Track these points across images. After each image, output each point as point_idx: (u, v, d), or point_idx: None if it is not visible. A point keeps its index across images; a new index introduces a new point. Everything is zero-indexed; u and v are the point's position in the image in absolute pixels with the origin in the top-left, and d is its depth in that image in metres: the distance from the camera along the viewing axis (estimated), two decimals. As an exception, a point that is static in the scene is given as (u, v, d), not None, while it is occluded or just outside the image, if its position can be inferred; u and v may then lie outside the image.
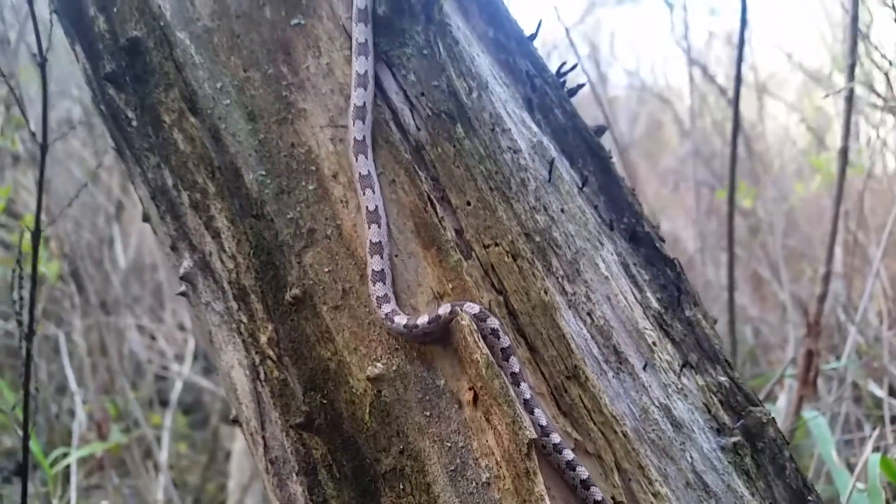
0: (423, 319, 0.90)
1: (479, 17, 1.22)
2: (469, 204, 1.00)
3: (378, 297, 0.93)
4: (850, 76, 2.11)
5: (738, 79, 2.58)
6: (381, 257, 0.93)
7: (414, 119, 1.02)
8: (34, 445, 3.12)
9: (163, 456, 3.98)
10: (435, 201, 0.99)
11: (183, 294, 1.14)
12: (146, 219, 1.27)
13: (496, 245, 0.98)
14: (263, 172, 1.02)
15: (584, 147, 1.20)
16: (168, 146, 1.10)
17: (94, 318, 4.26)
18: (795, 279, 4.60)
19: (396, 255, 0.98)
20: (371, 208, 0.96)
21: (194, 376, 4.58)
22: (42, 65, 1.70)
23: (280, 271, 1.00)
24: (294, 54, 1.04)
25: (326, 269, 0.98)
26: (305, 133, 1.02)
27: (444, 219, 0.99)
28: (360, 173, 0.99)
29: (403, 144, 1.01)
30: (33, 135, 1.69)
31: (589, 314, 0.99)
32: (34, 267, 1.76)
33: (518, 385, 0.89)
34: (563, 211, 1.05)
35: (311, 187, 1.00)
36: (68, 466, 3.04)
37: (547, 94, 1.21)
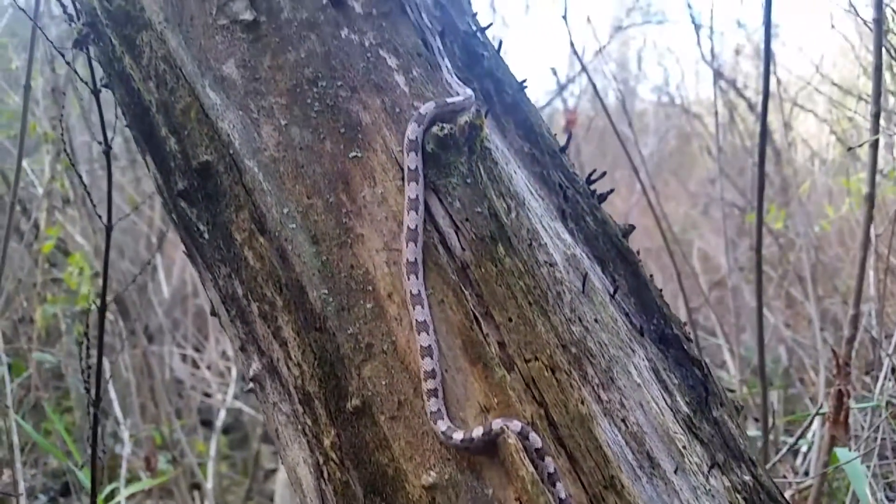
0: (476, 433, 1.01)
1: (516, 134, 1.32)
2: (511, 320, 1.10)
3: (432, 412, 1.03)
4: (875, 128, 2.15)
5: (765, 104, 2.27)
6: (434, 378, 1.04)
7: (459, 241, 1.13)
8: (85, 475, 3.30)
9: (209, 485, 4.13)
10: (480, 319, 1.10)
11: (251, 391, 1.26)
12: (214, 314, 1.40)
13: (536, 359, 1.08)
14: (326, 291, 1.13)
15: (614, 252, 1.29)
16: (239, 261, 1.22)
17: (139, 346, 4.45)
18: (828, 294, 4.59)
19: (446, 370, 1.08)
20: (420, 319, 1.07)
21: (236, 402, 4.73)
22: (107, 152, 1.86)
23: (342, 381, 1.12)
24: (352, 184, 1.16)
25: (384, 382, 1.10)
26: (363, 256, 1.13)
27: (489, 335, 1.09)
28: (410, 292, 1.10)
29: (450, 266, 1.12)
30: (99, 216, 1.84)
31: (623, 421, 1.09)
32: (100, 338, 1.90)
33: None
34: (596, 321, 1.15)
35: (368, 305, 1.12)
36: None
37: (578, 202, 1.31)
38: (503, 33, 7.94)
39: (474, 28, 1.36)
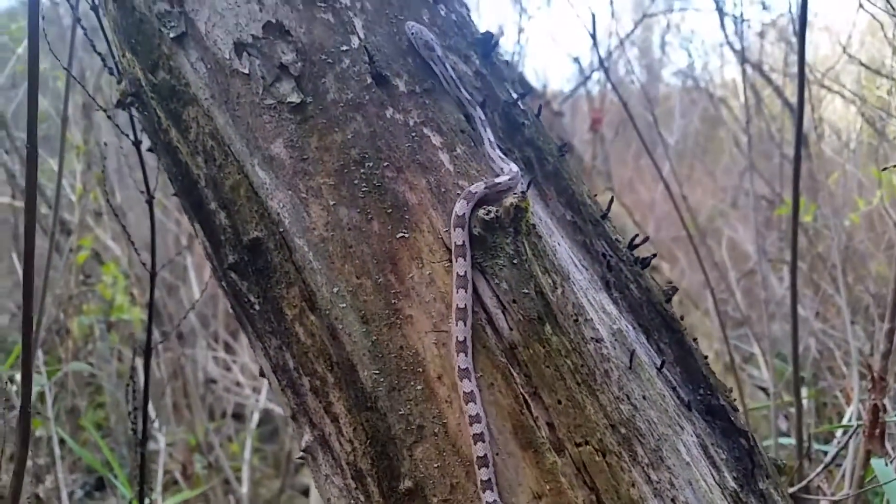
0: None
1: (557, 201, 1.33)
2: (560, 402, 1.12)
3: (488, 503, 1.06)
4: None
5: (800, 110, 2.01)
6: (488, 467, 1.07)
7: (507, 322, 1.15)
8: (121, 477, 3.39)
9: (244, 489, 4.23)
10: (529, 402, 1.12)
11: (303, 461, 1.30)
12: (262, 375, 1.44)
13: (586, 443, 1.10)
14: (376, 371, 1.16)
15: (658, 320, 1.30)
16: (290, 336, 1.25)
17: (172, 349, 4.54)
18: (858, 281, 4.54)
19: (497, 454, 1.11)
20: (473, 413, 1.10)
21: (269, 403, 4.80)
22: (150, 202, 1.89)
23: (394, 461, 1.15)
24: (400, 265, 1.18)
25: (435, 465, 1.12)
26: (412, 337, 1.16)
27: (539, 418, 1.11)
28: (459, 367, 1.13)
29: (498, 347, 1.14)
30: (143, 264, 1.89)
31: (673, 501, 1.11)
32: (146, 384, 1.96)
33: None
34: (644, 398, 1.17)
35: (419, 387, 1.14)
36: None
37: (622, 271, 1.32)
38: (526, 24, 7.86)
39: (514, 96, 1.37)
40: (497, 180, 1.18)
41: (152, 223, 1.88)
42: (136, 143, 1.79)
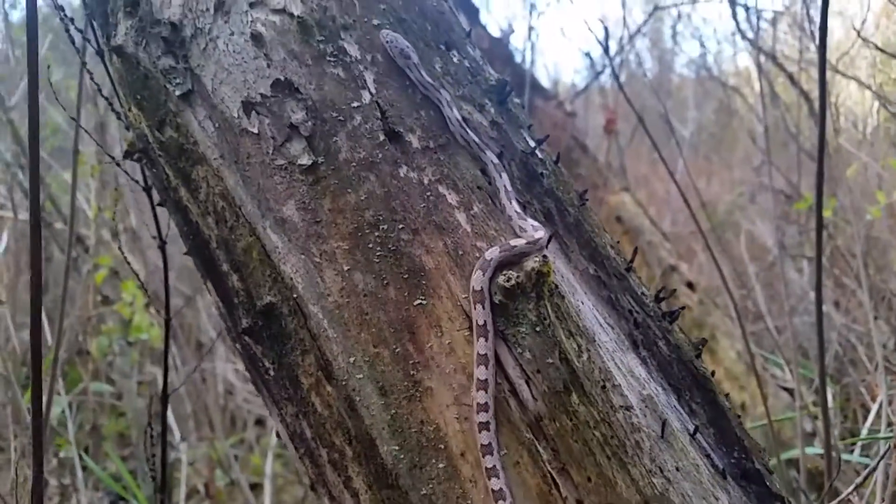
0: None
1: (580, 255, 1.28)
2: (590, 480, 1.07)
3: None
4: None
5: (823, 110, 1.77)
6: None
7: (531, 392, 1.10)
8: (139, 496, 3.39)
9: (267, 502, 4.22)
10: (558, 480, 1.07)
11: (323, 530, 1.26)
12: (279, 436, 1.40)
13: (618, 523, 1.05)
14: (396, 447, 1.12)
15: (689, 379, 1.24)
16: (306, 405, 1.21)
17: (190, 361, 4.53)
18: (879, 270, 4.45)
19: (525, 535, 1.06)
20: (496, 489, 1.05)
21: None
22: (162, 247, 1.86)
23: (417, 540, 1.10)
24: (418, 333, 1.13)
25: (460, 546, 1.08)
26: (433, 411, 1.11)
27: (568, 498, 1.06)
28: (481, 444, 1.08)
29: (523, 421, 1.09)
30: (158, 311, 1.86)
31: (708, 580, 1.06)
32: (163, 429, 1.93)
33: None
34: (678, 469, 1.11)
35: (441, 465, 1.10)
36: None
37: (650, 327, 1.26)
38: (536, 22, 7.77)
39: (532, 145, 1.31)
40: (513, 243, 1.13)
41: (165, 268, 1.85)
42: (147, 189, 1.76)
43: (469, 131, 1.22)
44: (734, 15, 4.93)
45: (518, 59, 5.35)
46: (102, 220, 4.74)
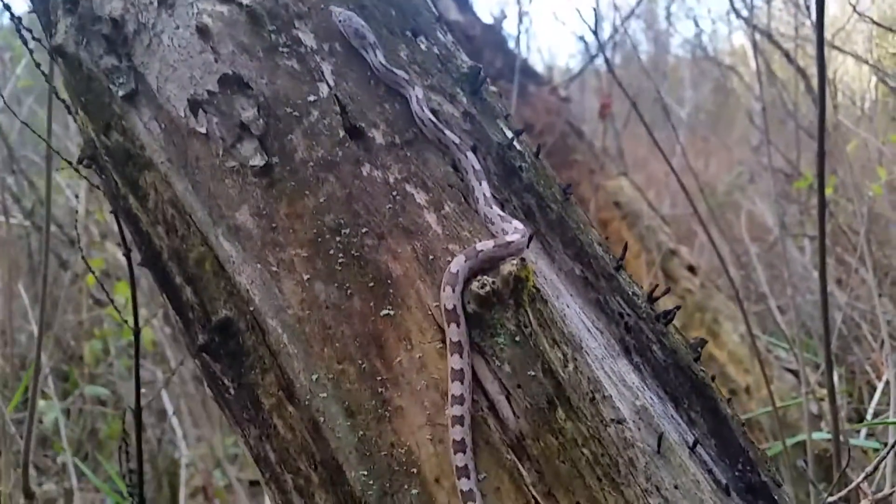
0: None
1: (564, 254, 1.18)
2: (578, 504, 0.97)
3: None
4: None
5: (822, 89, 1.79)
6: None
7: (512, 409, 1.00)
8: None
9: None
10: (543, 506, 0.97)
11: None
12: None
13: (611, 553, 0.95)
14: (365, 472, 1.02)
15: (687, 385, 1.14)
16: (269, 427, 1.11)
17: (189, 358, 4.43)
18: (880, 247, 4.37)
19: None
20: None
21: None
22: (127, 255, 1.76)
23: (392, 575, 1.01)
24: (386, 347, 1.03)
25: (438, 581, 0.98)
26: (404, 432, 1.01)
27: (555, 527, 0.96)
28: (456, 466, 0.98)
29: (503, 442, 0.99)
30: (125, 321, 1.76)
31: None
32: (138, 445, 1.84)
33: None
34: (676, 487, 1.01)
35: (414, 491, 1.00)
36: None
37: (642, 331, 1.16)
38: (529, 6, 7.65)
39: (510, 136, 1.21)
40: (479, 247, 1.02)
41: (132, 279, 1.75)
42: (115, 211, 1.66)
43: (437, 122, 1.12)
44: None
45: (511, 44, 5.23)
46: (93, 220, 4.64)
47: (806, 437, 3.10)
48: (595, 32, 3.66)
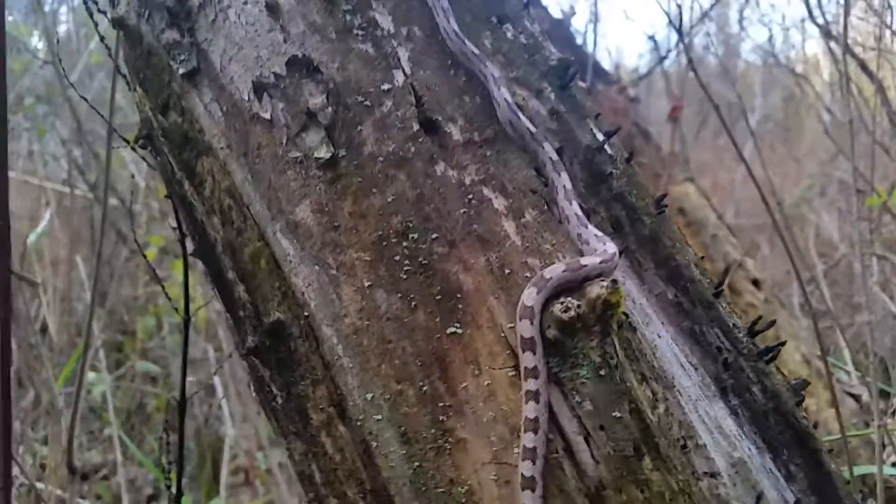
0: None
1: (656, 275, 1.04)
2: (662, 569, 0.84)
3: None
4: None
5: None
6: None
7: (592, 453, 0.88)
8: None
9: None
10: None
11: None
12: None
13: None
14: (420, 508, 0.91)
15: (788, 434, 1.00)
16: (316, 445, 1.02)
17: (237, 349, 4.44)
18: None
19: None
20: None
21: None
22: (181, 240, 1.70)
23: None
24: (451, 370, 0.92)
25: None
26: (465, 468, 0.90)
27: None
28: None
29: (580, 491, 0.87)
30: (176, 309, 1.70)
31: None
32: (180, 437, 1.78)
33: None
34: (774, 557, 0.87)
35: (474, 536, 0.89)
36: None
37: (742, 369, 1.02)
38: (599, 4, 7.43)
39: (600, 139, 1.08)
40: (583, 262, 0.90)
41: (185, 265, 1.69)
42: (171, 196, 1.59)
43: (522, 119, 1.00)
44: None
45: (579, 41, 5.04)
46: (154, 196, 4.69)
47: (876, 469, 2.85)
48: (675, 25, 3.46)
